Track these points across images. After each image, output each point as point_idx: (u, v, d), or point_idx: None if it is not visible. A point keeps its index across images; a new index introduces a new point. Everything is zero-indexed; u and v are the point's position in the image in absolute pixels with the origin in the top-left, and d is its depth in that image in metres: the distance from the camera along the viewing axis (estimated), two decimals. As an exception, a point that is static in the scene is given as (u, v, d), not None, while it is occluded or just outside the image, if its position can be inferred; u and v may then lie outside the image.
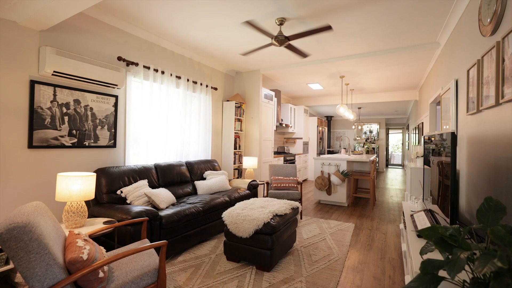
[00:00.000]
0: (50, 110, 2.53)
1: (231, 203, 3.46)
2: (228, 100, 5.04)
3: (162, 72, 3.63)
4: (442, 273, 1.36)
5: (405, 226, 2.49)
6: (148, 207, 2.50)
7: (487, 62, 1.87)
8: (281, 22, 3.00)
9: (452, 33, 3.04)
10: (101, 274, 1.39)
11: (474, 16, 2.24)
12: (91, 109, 2.86)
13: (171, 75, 3.75)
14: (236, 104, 5.00)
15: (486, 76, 1.88)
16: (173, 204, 3.02)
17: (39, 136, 2.46)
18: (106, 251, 2.26)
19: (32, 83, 2.40)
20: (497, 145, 1.72)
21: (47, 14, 2.22)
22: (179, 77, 3.90)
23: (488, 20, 1.85)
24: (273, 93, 5.85)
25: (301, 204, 4.43)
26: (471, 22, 2.31)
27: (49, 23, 2.38)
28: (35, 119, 2.42)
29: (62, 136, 2.63)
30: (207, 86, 4.45)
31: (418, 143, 6.32)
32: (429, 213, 2.12)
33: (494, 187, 1.73)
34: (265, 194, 4.21)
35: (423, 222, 1.97)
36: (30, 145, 2.40)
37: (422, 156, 3.68)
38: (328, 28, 2.59)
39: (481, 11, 2.01)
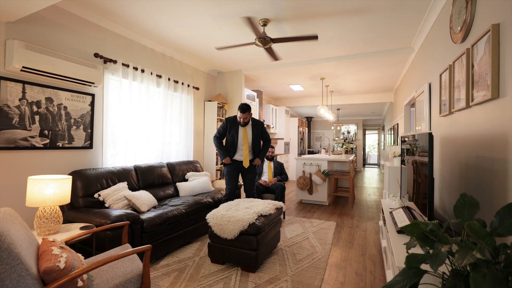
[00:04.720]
0: (18, 108, 2.35)
1: (215, 204, 3.41)
2: (210, 100, 4.97)
3: (142, 71, 3.50)
4: (424, 266, 1.42)
5: (384, 223, 2.60)
6: (129, 211, 2.40)
7: (458, 67, 2.00)
8: (265, 23, 3.02)
9: (425, 39, 3.22)
10: (80, 283, 1.31)
11: (446, 24, 2.39)
12: (65, 108, 2.70)
13: (151, 73, 3.63)
14: (219, 105, 4.95)
15: (457, 80, 2.01)
16: (154, 207, 2.92)
17: (6, 137, 2.28)
18: (84, 258, 2.13)
19: (-2, 79, 2.22)
20: (467, 145, 1.84)
21: (14, 4, 2.06)
22: (159, 76, 3.78)
23: (459, 28, 1.97)
24: (255, 94, 5.86)
25: (284, 204, 4.46)
26: (443, 30, 2.46)
27: (17, 14, 2.21)
28: (0, 118, 2.24)
29: (32, 137, 2.45)
30: (188, 85, 4.36)
31: (394, 143, 6.62)
32: (407, 210, 2.23)
33: (465, 184, 1.86)
34: (249, 195, 4.20)
35: (402, 218, 2.07)
36: (-4, 147, 2.21)
37: (399, 156, 3.87)
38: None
39: (452, 19, 2.14)
